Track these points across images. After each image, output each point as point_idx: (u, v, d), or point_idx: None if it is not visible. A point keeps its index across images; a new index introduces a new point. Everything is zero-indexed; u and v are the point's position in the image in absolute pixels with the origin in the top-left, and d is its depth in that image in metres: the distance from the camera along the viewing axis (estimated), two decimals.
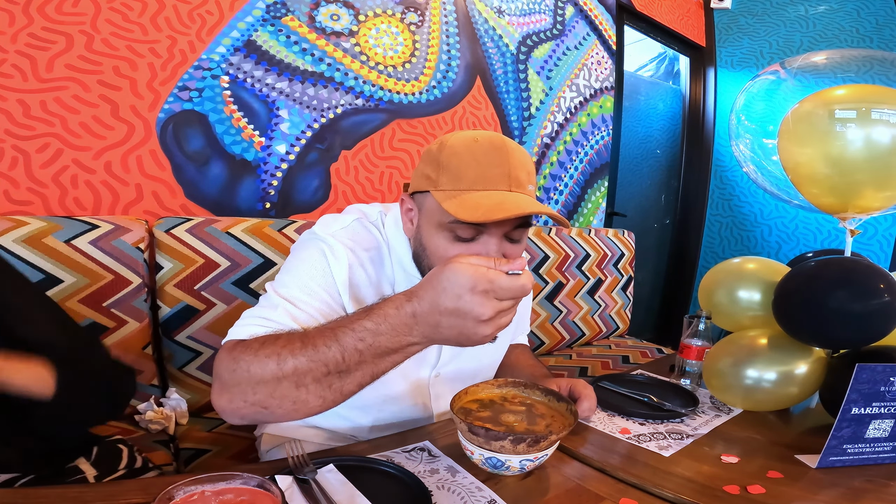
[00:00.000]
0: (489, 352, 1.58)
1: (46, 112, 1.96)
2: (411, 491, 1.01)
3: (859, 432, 1.28)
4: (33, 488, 1.02)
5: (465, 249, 1.17)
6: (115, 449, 1.39)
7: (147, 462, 1.43)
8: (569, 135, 3.98)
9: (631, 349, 3.29)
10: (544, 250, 3.10)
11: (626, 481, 1.15)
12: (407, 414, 1.45)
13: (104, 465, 1.30)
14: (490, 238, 1.17)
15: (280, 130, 2.53)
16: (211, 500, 0.76)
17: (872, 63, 1.92)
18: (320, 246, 1.28)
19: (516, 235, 1.22)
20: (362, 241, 1.32)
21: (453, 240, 1.18)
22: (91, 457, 1.30)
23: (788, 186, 1.85)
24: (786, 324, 1.56)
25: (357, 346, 0.97)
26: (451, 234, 1.18)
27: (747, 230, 5.17)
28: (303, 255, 1.29)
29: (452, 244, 1.18)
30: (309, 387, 1.00)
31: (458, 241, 1.18)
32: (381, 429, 1.45)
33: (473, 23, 3.29)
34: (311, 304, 1.21)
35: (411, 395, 1.44)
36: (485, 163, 1.15)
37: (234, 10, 2.37)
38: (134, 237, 1.87)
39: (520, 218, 1.16)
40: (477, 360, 1.53)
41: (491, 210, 1.08)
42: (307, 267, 1.26)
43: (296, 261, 1.29)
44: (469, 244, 1.18)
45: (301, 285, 1.23)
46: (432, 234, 1.21)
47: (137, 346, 1.87)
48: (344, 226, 1.34)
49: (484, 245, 1.17)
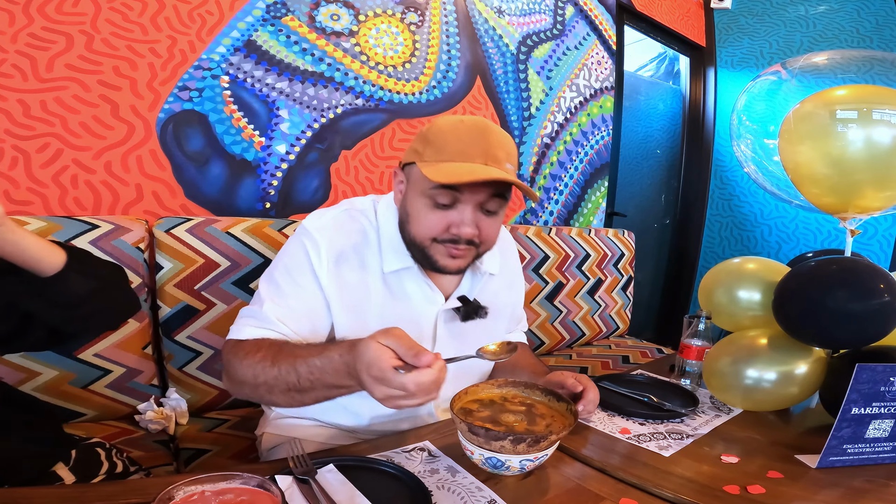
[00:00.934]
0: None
1: (46, 112, 1.96)
2: (411, 491, 1.01)
3: (859, 432, 1.28)
4: (33, 488, 1.02)
5: (443, 216, 1.30)
6: (93, 453, 1.37)
7: (128, 465, 1.42)
8: (569, 135, 3.98)
9: (631, 349, 3.29)
10: (544, 250, 3.10)
11: (627, 481, 1.15)
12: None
13: (83, 470, 1.29)
14: (465, 206, 1.29)
15: (280, 130, 2.53)
16: (211, 500, 0.75)
17: (873, 63, 1.93)
18: (303, 241, 1.38)
19: (492, 206, 1.33)
20: (347, 230, 1.42)
21: (433, 206, 1.30)
22: (70, 462, 1.30)
23: (789, 186, 1.85)
24: (786, 324, 1.56)
25: (308, 377, 1.13)
26: (431, 201, 1.30)
27: (747, 230, 5.17)
28: (289, 250, 1.41)
29: (432, 210, 1.31)
30: (276, 395, 1.19)
31: (437, 207, 1.30)
32: (381, 422, 1.49)
33: (473, 23, 3.29)
34: (294, 300, 1.34)
35: None
36: (465, 139, 1.27)
37: (234, 10, 2.37)
38: (134, 237, 1.87)
39: (493, 188, 1.29)
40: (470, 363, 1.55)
41: (462, 176, 1.22)
42: (290, 261, 1.39)
43: (283, 255, 1.42)
44: (447, 211, 1.30)
45: (286, 281, 1.36)
46: (415, 201, 1.33)
47: (137, 346, 1.87)
48: (332, 216, 1.44)
49: (460, 213, 1.30)
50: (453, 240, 1.32)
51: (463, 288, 1.52)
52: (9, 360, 1.65)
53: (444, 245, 1.33)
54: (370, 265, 1.42)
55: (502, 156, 1.29)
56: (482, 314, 1.49)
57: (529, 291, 3.02)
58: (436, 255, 1.35)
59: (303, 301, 1.35)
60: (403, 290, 1.44)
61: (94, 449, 1.37)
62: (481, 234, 1.34)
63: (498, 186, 1.30)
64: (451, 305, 1.47)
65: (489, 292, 1.58)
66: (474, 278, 1.54)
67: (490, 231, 1.37)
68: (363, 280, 1.41)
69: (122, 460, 1.41)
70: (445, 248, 1.33)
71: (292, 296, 1.35)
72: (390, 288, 1.43)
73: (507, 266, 1.70)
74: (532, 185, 3.74)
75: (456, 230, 1.30)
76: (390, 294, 1.43)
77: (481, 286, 1.55)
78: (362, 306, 1.40)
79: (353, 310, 1.39)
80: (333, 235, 1.39)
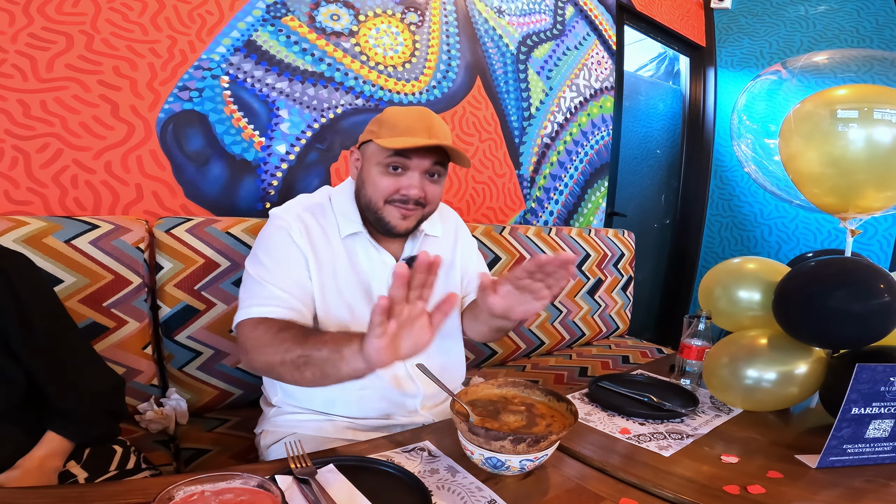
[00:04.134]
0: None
1: (46, 112, 1.96)
2: (411, 491, 1.01)
3: (859, 432, 1.28)
4: (33, 488, 1.02)
5: (395, 180, 1.53)
6: (107, 450, 1.38)
7: (141, 462, 1.43)
8: (569, 135, 3.98)
9: (631, 349, 3.30)
10: (544, 251, 3.09)
11: (626, 481, 1.15)
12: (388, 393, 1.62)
13: (95, 466, 1.30)
14: (413, 172, 1.52)
15: (280, 130, 2.52)
16: (211, 499, 0.76)
17: (872, 63, 1.93)
18: (276, 223, 1.57)
19: (435, 171, 1.56)
20: (308, 206, 1.63)
21: (386, 173, 1.53)
22: (82, 459, 1.30)
23: (789, 186, 1.85)
24: (786, 324, 1.56)
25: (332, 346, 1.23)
26: (384, 169, 1.52)
27: (747, 230, 5.17)
28: (265, 235, 1.59)
29: (386, 176, 1.53)
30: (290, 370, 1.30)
31: (389, 173, 1.53)
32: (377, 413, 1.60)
33: (473, 23, 3.29)
34: (283, 270, 1.51)
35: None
36: (412, 119, 1.52)
37: (234, 10, 2.37)
38: (134, 237, 1.87)
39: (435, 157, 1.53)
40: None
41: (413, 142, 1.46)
42: (269, 242, 1.56)
43: (261, 241, 1.58)
44: (398, 176, 1.53)
45: (270, 259, 1.53)
46: (371, 171, 1.55)
47: (137, 346, 1.87)
48: (293, 200, 1.67)
49: (409, 177, 1.52)
50: (403, 200, 1.53)
51: (407, 250, 1.70)
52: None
53: (395, 206, 1.54)
54: (330, 232, 1.61)
55: (440, 133, 1.53)
56: None
57: None
58: (388, 216, 1.55)
59: (289, 271, 1.52)
60: (357, 255, 1.63)
61: (110, 447, 1.39)
62: (426, 195, 1.56)
63: (438, 156, 1.53)
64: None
65: (433, 251, 1.65)
66: (416, 241, 1.71)
67: (434, 193, 1.59)
68: (328, 244, 1.59)
69: (138, 457, 1.43)
70: (396, 208, 1.54)
71: (280, 268, 1.51)
72: (348, 252, 1.62)
73: (448, 228, 1.86)
74: (532, 185, 3.74)
75: (406, 191, 1.52)
76: (349, 258, 1.61)
77: (426, 247, 1.73)
78: (331, 264, 1.58)
79: (325, 266, 1.57)
80: (297, 212, 1.59)
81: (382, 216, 1.55)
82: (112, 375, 1.44)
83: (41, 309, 1.29)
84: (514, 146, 3.60)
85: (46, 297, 1.36)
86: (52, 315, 1.34)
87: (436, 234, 1.76)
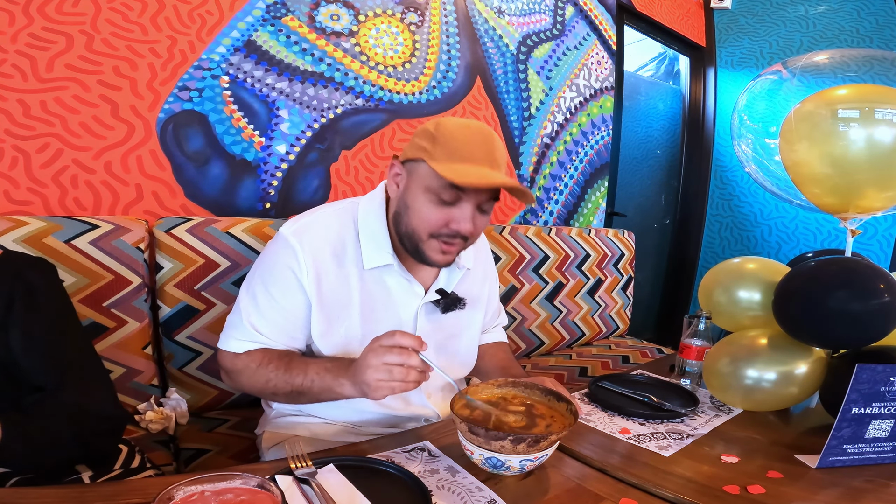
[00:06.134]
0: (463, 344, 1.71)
1: (46, 112, 1.96)
2: (411, 491, 1.01)
3: (859, 432, 1.28)
4: (33, 488, 1.02)
5: (446, 212, 1.37)
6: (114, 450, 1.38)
7: (145, 461, 1.43)
8: (569, 135, 3.98)
9: (631, 349, 3.29)
10: (544, 250, 3.10)
11: (626, 481, 1.15)
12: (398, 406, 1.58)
13: (99, 465, 1.30)
14: (467, 205, 1.37)
15: (280, 130, 2.52)
16: (211, 500, 0.76)
17: (872, 63, 1.93)
18: (281, 250, 1.46)
19: (487, 207, 1.42)
20: (324, 230, 1.49)
21: (437, 203, 1.37)
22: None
23: (790, 186, 1.85)
24: (786, 324, 1.56)
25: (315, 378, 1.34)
26: (435, 197, 1.36)
27: (747, 230, 5.17)
28: (266, 260, 1.51)
29: (435, 206, 1.37)
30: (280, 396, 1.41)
31: (441, 203, 1.37)
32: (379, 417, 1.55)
33: (473, 23, 3.29)
34: (271, 312, 1.45)
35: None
36: (473, 143, 1.35)
37: (234, 10, 2.37)
38: (134, 237, 1.87)
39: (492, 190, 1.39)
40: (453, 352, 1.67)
41: (479, 178, 1.31)
42: (268, 273, 1.48)
43: (261, 265, 1.52)
44: (449, 208, 1.37)
45: (263, 294, 1.46)
46: (418, 196, 1.39)
47: (137, 346, 1.87)
48: (312, 216, 1.53)
49: (462, 210, 1.37)
50: (451, 234, 1.39)
51: (440, 282, 1.60)
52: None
53: (439, 240, 1.40)
54: (349, 262, 1.48)
55: (501, 161, 1.39)
56: (461, 305, 1.59)
57: (529, 291, 3.03)
58: (428, 249, 1.42)
59: (279, 313, 1.45)
60: (384, 285, 1.52)
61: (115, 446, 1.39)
62: (475, 230, 1.42)
63: (496, 189, 1.39)
64: (430, 298, 1.56)
65: (465, 285, 1.67)
66: (451, 272, 1.62)
67: (481, 228, 1.46)
68: (343, 277, 1.48)
69: (142, 457, 1.43)
70: (439, 243, 1.40)
71: (269, 309, 1.45)
72: (370, 283, 1.50)
73: (480, 260, 1.78)
74: (532, 186, 3.74)
75: (456, 226, 1.37)
76: (371, 289, 1.50)
77: (458, 280, 1.63)
78: (343, 302, 1.48)
79: (334, 306, 1.47)
80: (310, 238, 1.46)
81: (423, 249, 1.42)
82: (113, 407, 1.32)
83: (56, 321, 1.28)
84: (514, 146, 3.60)
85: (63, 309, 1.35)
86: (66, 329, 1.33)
87: (469, 266, 1.66)
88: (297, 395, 1.36)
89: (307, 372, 1.34)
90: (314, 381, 1.33)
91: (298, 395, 1.35)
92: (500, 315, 1.99)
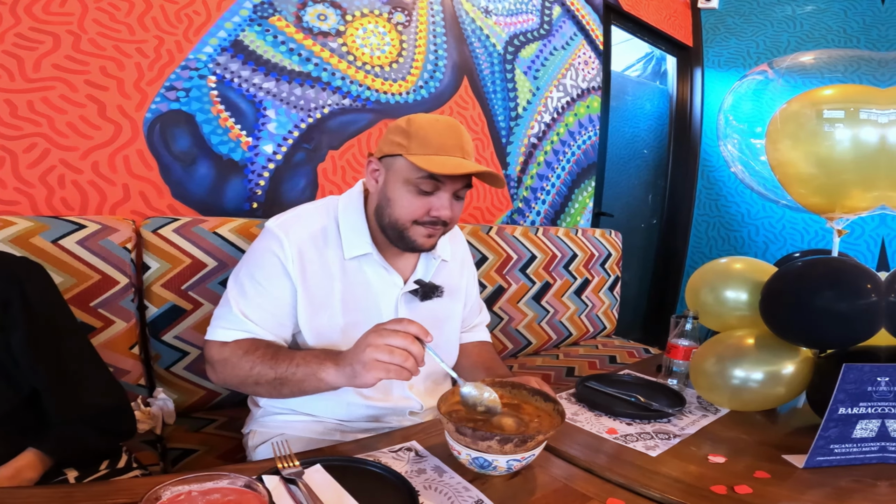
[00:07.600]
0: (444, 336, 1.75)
1: (33, 112, 1.94)
2: (398, 491, 1.01)
3: (846, 432, 1.28)
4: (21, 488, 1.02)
5: (426, 201, 1.47)
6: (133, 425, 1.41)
7: (132, 461, 1.42)
8: (556, 135, 3.99)
9: (618, 349, 3.30)
10: (531, 250, 3.11)
11: (614, 481, 1.15)
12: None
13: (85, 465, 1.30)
14: (445, 193, 1.47)
15: (267, 130, 2.52)
16: (198, 500, 0.75)
17: (860, 63, 1.93)
18: (268, 241, 1.52)
19: (461, 193, 1.52)
20: (306, 222, 1.57)
21: (417, 193, 1.46)
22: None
23: (776, 186, 1.86)
24: (773, 324, 1.56)
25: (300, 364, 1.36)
26: (415, 188, 1.46)
27: (734, 230, 5.19)
28: (254, 252, 1.56)
29: (415, 196, 1.47)
30: (262, 386, 1.41)
31: (420, 193, 1.46)
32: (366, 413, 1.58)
33: (460, 23, 3.29)
34: (259, 299, 1.50)
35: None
36: (444, 134, 1.44)
37: (221, 10, 2.36)
38: (121, 237, 1.86)
39: (467, 178, 1.49)
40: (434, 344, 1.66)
41: (455, 167, 1.40)
42: (255, 263, 1.53)
43: (249, 257, 1.56)
44: (428, 197, 1.47)
45: (251, 283, 1.51)
46: (398, 188, 1.48)
47: (124, 346, 1.86)
48: (295, 211, 1.62)
49: (440, 198, 1.47)
50: (433, 221, 1.49)
51: (418, 272, 1.66)
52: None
53: (424, 226, 1.49)
54: (330, 253, 1.55)
55: (471, 150, 1.49)
56: (439, 293, 1.65)
57: (516, 291, 3.03)
58: (414, 235, 1.50)
59: (267, 299, 1.49)
60: (364, 275, 1.58)
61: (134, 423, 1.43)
62: (453, 216, 1.52)
63: (469, 176, 1.49)
64: (409, 288, 1.62)
65: (443, 276, 1.73)
66: (428, 263, 1.69)
67: (458, 212, 1.56)
68: (325, 267, 1.54)
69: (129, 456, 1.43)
70: (424, 228, 1.49)
71: (257, 296, 1.49)
72: (351, 273, 1.57)
73: (457, 252, 1.85)
74: (519, 185, 3.74)
75: (436, 213, 1.47)
76: (351, 279, 1.57)
77: (435, 270, 1.70)
78: (326, 290, 1.54)
79: (318, 294, 1.53)
80: (294, 228, 1.53)
81: (408, 235, 1.50)
82: (116, 394, 1.40)
83: (51, 320, 1.29)
84: (501, 146, 3.60)
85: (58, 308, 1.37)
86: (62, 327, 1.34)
87: (446, 257, 1.74)
88: (279, 384, 1.37)
89: (293, 358, 1.37)
90: (299, 365, 1.35)
91: (281, 384, 1.37)
92: (483, 312, 2.03)
